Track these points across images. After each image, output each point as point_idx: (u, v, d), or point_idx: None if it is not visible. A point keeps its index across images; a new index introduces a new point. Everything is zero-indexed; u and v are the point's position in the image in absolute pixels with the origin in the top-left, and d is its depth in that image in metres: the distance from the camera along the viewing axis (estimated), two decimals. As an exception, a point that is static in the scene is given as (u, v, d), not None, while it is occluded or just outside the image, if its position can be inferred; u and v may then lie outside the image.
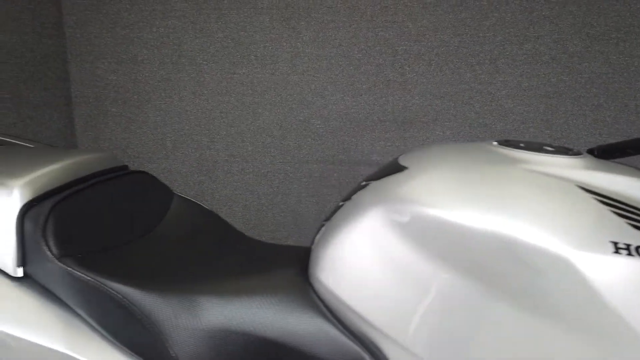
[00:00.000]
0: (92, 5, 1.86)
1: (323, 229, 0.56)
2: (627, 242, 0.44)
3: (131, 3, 1.83)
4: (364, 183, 0.54)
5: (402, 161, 0.55)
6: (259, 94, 1.83)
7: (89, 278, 0.56)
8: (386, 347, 0.49)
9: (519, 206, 0.45)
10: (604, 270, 0.43)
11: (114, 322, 0.55)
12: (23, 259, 0.57)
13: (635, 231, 0.45)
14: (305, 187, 1.88)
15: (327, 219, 0.57)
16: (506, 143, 0.57)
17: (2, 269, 0.57)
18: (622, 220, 0.45)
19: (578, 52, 1.62)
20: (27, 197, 0.58)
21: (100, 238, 0.62)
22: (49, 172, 0.61)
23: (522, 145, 0.56)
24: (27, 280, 0.57)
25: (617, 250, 0.43)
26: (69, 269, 0.56)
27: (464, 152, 0.55)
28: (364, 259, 0.50)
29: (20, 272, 0.57)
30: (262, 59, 1.80)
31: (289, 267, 0.60)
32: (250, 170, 1.91)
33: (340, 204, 0.55)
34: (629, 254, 0.43)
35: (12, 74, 1.62)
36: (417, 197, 0.47)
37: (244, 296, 0.54)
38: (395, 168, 0.53)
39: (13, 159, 0.68)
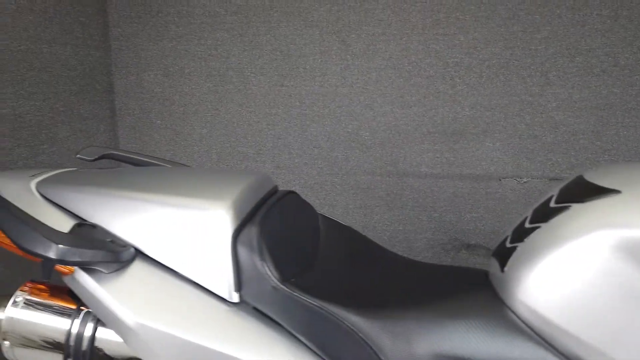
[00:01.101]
0: (139, 17, 1.86)
1: (516, 252, 0.55)
2: None
3: (179, 16, 1.84)
4: (560, 205, 0.54)
5: (601, 182, 0.55)
6: (307, 106, 1.84)
7: (312, 303, 0.55)
8: None
9: None
10: None
11: (338, 347, 0.55)
12: (239, 284, 0.56)
13: None
14: (352, 198, 1.89)
15: (517, 240, 0.56)
16: None
17: (218, 294, 0.56)
18: None
19: (629, 65, 1.64)
20: (236, 222, 0.57)
21: (296, 261, 0.61)
22: (241, 196, 0.61)
23: None
24: (242, 304, 0.56)
25: None
26: (294, 293, 0.55)
27: None
28: (581, 282, 0.50)
29: (236, 297, 0.56)
30: (311, 72, 1.81)
31: (471, 289, 0.60)
32: (296, 182, 1.91)
33: (533, 226, 0.55)
34: None
35: (65, 87, 1.62)
36: None
37: (449, 320, 0.53)
38: (599, 190, 0.53)
39: (186, 182, 0.66)
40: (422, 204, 1.86)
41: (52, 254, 0.49)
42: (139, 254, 0.57)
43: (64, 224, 0.57)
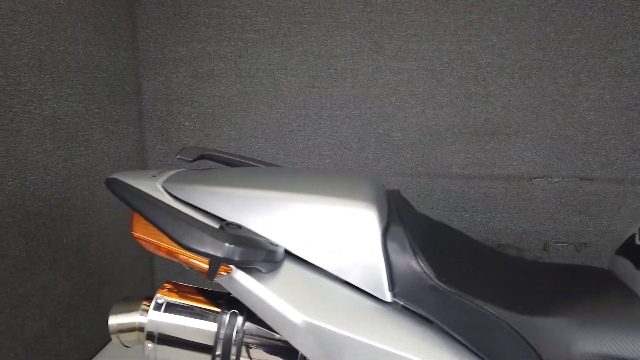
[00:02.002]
0: (167, 18, 1.85)
1: None
2: None
3: (209, 17, 1.83)
4: None
5: None
6: (338, 107, 1.84)
7: (472, 302, 0.54)
8: None
9: None
10: None
11: (498, 347, 0.54)
12: (392, 283, 0.55)
13: None
14: (383, 199, 1.88)
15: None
16: None
17: (372, 293, 0.55)
18: None
19: (660, 66, 1.67)
20: (383, 222, 0.56)
21: (437, 259, 0.60)
22: (376, 195, 0.60)
23: None
24: (393, 303, 0.56)
25: None
26: (454, 292, 0.55)
27: None
28: None
29: (389, 297, 0.55)
30: (342, 73, 1.81)
31: (605, 287, 0.59)
32: (326, 183, 1.90)
33: None
34: None
35: (99, 88, 1.60)
36: None
37: (605, 320, 0.53)
38: None
39: (312, 182, 0.65)
40: (453, 204, 1.86)
41: (221, 254, 0.48)
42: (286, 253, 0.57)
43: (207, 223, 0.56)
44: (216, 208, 0.59)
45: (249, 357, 0.57)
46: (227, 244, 0.48)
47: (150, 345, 0.58)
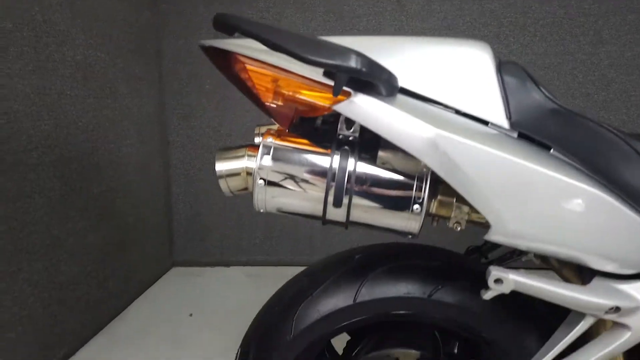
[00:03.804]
0: (188, -20, 1.84)
1: None
2: None
3: (231, -23, 1.83)
4: None
5: None
6: (360, 68, 1.84)
7: (601, 124, 0.55)
8: None
9: None
10: None
11: (620, 169, 0.54)
12: (509, 111, 0.56)
13: None
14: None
15: None
16: None
17: (489, 120, 0.55)
18: None
19: (680, 22, 1.69)
20: (496, 59, 0.57)
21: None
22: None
23: None
24: (511, 131, 0.56)
25: None
26: (580, 115, 0.55)
27: None
28: None
29: (507, 124, 0.56)
30: (364, 33, 1.81)
31: None
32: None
33: None
34: None
35: (124, 43, 1.59)
36: None
37: None
38: None
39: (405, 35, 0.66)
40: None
41: (351, 63, 0.47)
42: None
43: None
44: None
45: (363, 193, 0.57)
46: (355, 54, 0.47)
47: (261, 181, 0.58)
